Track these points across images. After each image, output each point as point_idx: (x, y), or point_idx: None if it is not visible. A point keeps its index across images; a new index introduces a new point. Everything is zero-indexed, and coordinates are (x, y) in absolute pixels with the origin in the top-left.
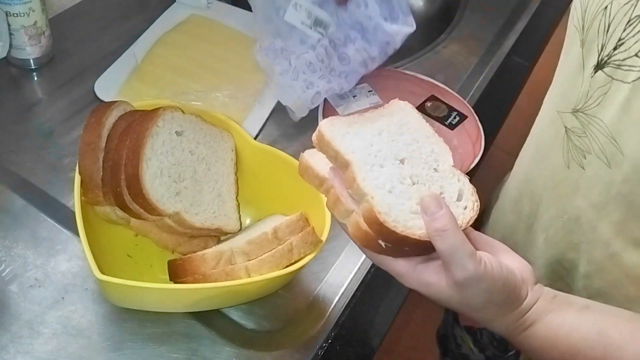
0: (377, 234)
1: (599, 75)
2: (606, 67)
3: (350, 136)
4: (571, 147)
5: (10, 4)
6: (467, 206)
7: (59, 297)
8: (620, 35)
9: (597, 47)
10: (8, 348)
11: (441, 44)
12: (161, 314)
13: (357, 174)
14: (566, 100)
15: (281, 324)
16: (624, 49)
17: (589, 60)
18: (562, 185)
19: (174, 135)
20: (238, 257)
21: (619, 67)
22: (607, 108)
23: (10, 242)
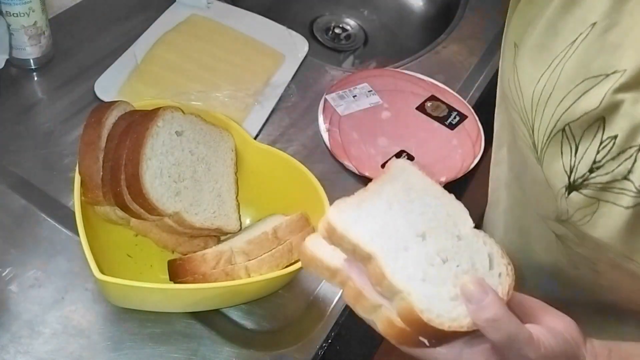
0: (417, 332)
1: (576, 196)
2: (584, 189)
3: (363, 221)
4: (571, 253)
5: (10, 4)
6: (501, 272)
7: (59, 297)
8: (594, 158)
9: (565, 169)
10: (8, 348)
11: (441, 44)
12: (161, 314)
13: (384, 267)
14: (543, 207)
15: (281, 324)
16: (604, 172)
17: (556, 182)
18: (566, 273)
19: (174, 135)
20: (238, 257)
21: (606, 190)
22: (605, 228)
23: (10, 242)
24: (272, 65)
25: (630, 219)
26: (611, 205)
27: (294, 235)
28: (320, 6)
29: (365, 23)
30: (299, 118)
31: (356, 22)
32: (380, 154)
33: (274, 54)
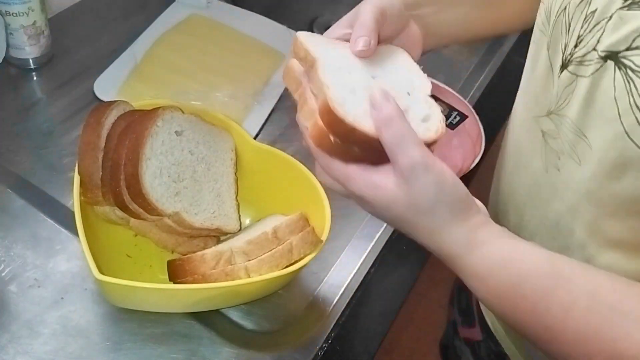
0: (327, 127)
1: (564, 74)
2: (570, 66)
3: (325, 46)
4: (548, 150)
5: (10, 4)
6: (430, 128)
7: (58, 297)
8: (579, 33)
9: (561, 47)
10: (7, 348)
11: None
12: (161, 315)
13: (319, 67)
14: (540, 104)
15: (281, 324)
16: (583, 45)
17: (556, 62)
18: (543, 190)
19: (173, 135)
20: (238, 257)
21: (581, 64)
22: (574, 104)
23: (10, 242)
24: (272, 65)
25: (589, 87)
26: (581, 79)
27: (293, 236)
28: (320, 6)
29: None
30: None
31: None
32: None
33: (274, 54)
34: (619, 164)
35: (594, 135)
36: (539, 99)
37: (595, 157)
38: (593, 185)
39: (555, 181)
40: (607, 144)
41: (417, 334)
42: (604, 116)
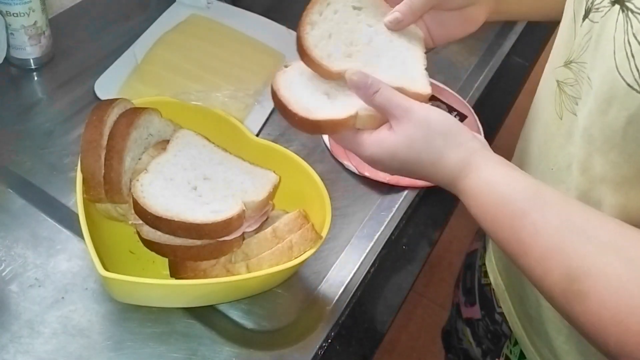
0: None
1: (585, 23)
2: (590, 14)
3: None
4: (564, 98)
5: (10, 4)
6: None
7: (58, 297)
8: None
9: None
10: (8, 348)
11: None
12: (161, 314)
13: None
14: (560, 55)
15: (281, 324)
16: None
17: (579, 12)
18: (555, 137)
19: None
20: (237, 256)
21: (597, 10)
22: (588, 52)
23: (10, 242)
24: (272, 65)
25: (598, 30)
26: (595, 25)
27: (293, 234)
28: None
29: None
30: None
31: None
32: None
33: (274, 53)
34: (607, 98)
35: (595, 74)
36: (560, 50)
37: (592, 95)
38: (587, 122)
39: (571, 126)
40: (601, 80)
41: (417, 333)
42: (604, 55)
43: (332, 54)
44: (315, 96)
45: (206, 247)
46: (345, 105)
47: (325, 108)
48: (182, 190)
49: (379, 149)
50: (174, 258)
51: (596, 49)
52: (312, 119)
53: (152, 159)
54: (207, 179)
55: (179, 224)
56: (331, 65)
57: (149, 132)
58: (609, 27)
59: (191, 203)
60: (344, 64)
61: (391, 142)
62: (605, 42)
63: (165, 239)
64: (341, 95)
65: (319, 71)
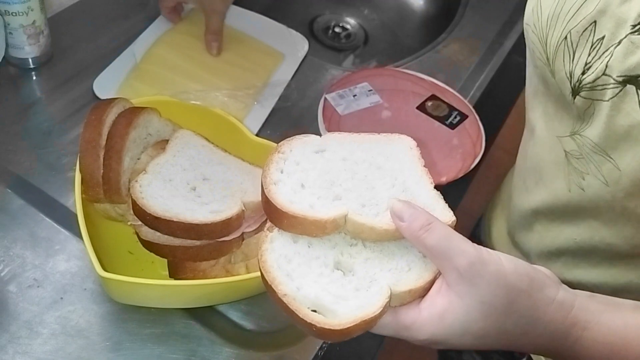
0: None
1: (578, 100)
2: (582, 92)
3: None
4: (571, 170)
5: (9, 3)
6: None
7: (57, 297)
8: (586, 60)
9: (566, 74)
10: (7, 348)
11: (442, 43)
12: (160, 315)
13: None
14: (563, 125)
15: (281, 324)
16: (592, 72)
17: (565, 88)
18: (569, 209)
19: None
20: (237, 257)
21: (593, 89)
22: (596, 126)
23: (9, 242)
24: (272, 64)
25: (609, 111)
26: (599, 103)
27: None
28: (320, 5)
29: (365, 22)
30: (299, 118)
31: (356, 21)
32: None
33: (274, 53)
34: None
35: (621, 156)
36: (561, 119)
37: (627, 178)
38: (631, 203)
39: (580, 200)
40: (638, 165)
41: None
42: (632, 138)
43: (314, 204)
44: (326, 281)
45: (205, 248)
46: (371, 292)
47: (348, 298)
48: (181, 191)
49: (441, 328)
50: (173, 259)
51: (612, 130)
52: (332, 328)
53: (151, 159)
54: (207, 179)
55: (178, 225)
56: (319, 214)
57: (147, 132)
58: (630, 110)
59: (190, 203)
60: (335, 209)
61: (458, 314)
62: (631, 126)
63: (164, 240)
64: (360, 269)
65: (307, 228)
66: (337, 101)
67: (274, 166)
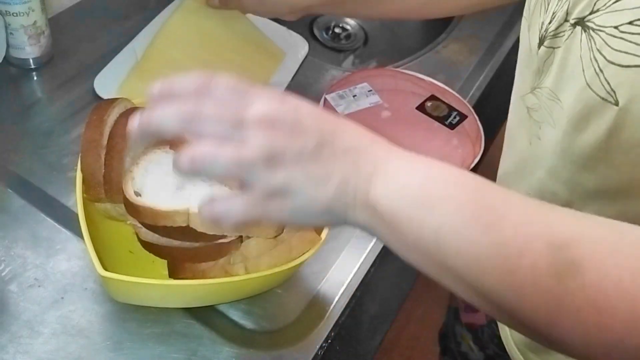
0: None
1: (542, 50)
2: (546, 41)
3: None
4: (532, 123)
5: (10, 4)
6: None
7: (58, 297)
8: (553, 9)
9: (539, 26)
10: (7, 348)
11: (441, 44)
12: (161, 314)
13: None
14: (525, 83)
15: (281, 324)
16: (555, 19)
17: (534, 40)
18: (527, 163)
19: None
20: (236, 258)
21: (555, 36)
22: (550, 74)
23: (10, 242)
24: (273, 65)
25: (562, 54)
26: (557, 50)
27: (292, 235)
28: None
29: (365, 22)
30: None
31: (356, 22)
32: None
33: (274, 53)
34: (583, 116)
35: (565, 95)
36: (524, 77)
37: (565, 115)
38: (565, 142)
39: (536, 150)
40: (573, 99)
41: (417, 333)
42: (573, 75)
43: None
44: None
45: (204, 249)
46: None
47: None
48: (178, 192)
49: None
50: (172, 260)
51: (563, 71)
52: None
53: (148, 160)
54: (204, 180)
55: (175, 227)
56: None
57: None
58: (575, 49)
59: (185, 203)
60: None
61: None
62: (573, 64)
63: (163, 241)
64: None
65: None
66: (337, 101)
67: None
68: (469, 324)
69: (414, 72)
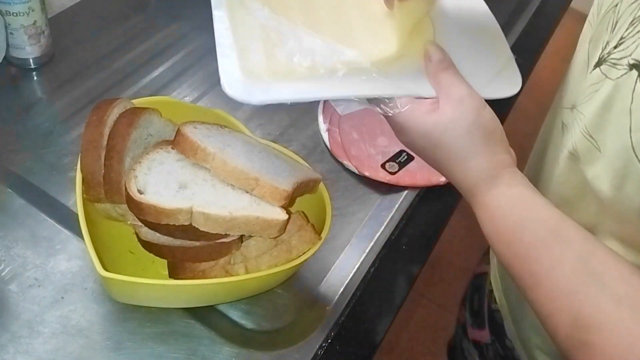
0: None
1: (595, 72)
2: (603, 65)
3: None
4: (565, 141)
5: (10, 4)
6: None
7: (58, 297)
8: (622, 34)
9: (602, 44)
10: (7, 348)
11: None
12: (161, 314)
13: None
14: (569, 96)
15: (281, 324)
16: (623, 48)
17: (593, 57)
18: (551, 178)
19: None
20: (236, 258)
21: (614, 66)
22: (593, 104)
23: (10, 242)
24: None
25: (611, 91)
26: (607, 81)
27: (292, 235)
28: None
29: None
30: (298, 118)
31: None
32: (380, 154)
33: None
34: (622, 174)
35: (605, 140)
36: (570, 90)
37: (603, 161)
38: (598, 186)
39: (555, 172)
40: (615, 153)
41: (417, 333)
42: (617, 124)
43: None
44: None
45: (205, 249)
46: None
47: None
48: (181, 191)
49: (411, 122)
50: (172, 259)
51: (606, 111)
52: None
53: (151, 159)
54: (205, 179)
55: (177, 225)
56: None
57: (148, 132)
58: (625, 95)
59: (188, 202)
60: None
61: (429, 119)
62: (620, 112)
63: (163, 241)
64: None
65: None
66: (337, 101)
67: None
68: (475, 340)
69: None
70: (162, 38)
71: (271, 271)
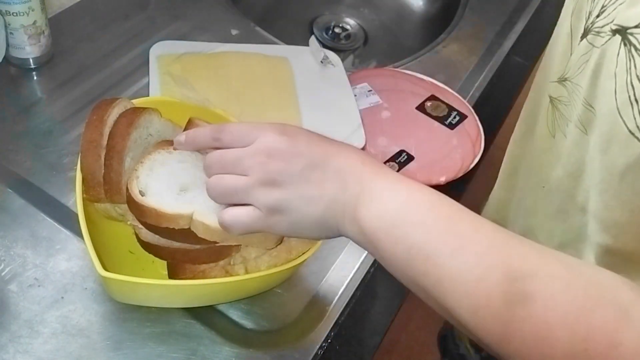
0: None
1: (583, 43)
2: (589, 35)
3: None
4: (557, 116)
5: (10, 3)
6: None
7: (58, 297)
8: (604, 3)
9: (585, 14)
10: (7, 347)
11: (441, 44)
12: (161, 314)
13: None
14: (555, 69)
15: (281, 324)
16: (605, 16)
17: (578, 29)
18: (547, 154)
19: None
20: (236, 259)
21: (598, 34)
22: (586, 74)
23: (10, 242)
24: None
25: (598, 58)
26: (595, 49)
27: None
28: (320, 5)
29: (365, 22)
30: None
31: (356, 22)
32: (380, 154)
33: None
34: (607, 138)
35: (598, 106)
36: (556, 63)
37: (596, 127)
38: (592, 154)
39: (560, 147)
40: (603, 117)
41: (417, 333)
42: (604, 89)
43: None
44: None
45: (205, 251)
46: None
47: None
48: (182, 194)
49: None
50: (172, 261)
51: (596, 78)
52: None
53: (153, 160)
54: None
55: (177, 229)
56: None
57: (148, 132)
58: (610, 60)
59: (189, 207)
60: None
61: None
62: (606, 76)
63: (163, 242)
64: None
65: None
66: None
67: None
68: None
69: (414, 72)
70: (162, 38)
71: (271, 271)
